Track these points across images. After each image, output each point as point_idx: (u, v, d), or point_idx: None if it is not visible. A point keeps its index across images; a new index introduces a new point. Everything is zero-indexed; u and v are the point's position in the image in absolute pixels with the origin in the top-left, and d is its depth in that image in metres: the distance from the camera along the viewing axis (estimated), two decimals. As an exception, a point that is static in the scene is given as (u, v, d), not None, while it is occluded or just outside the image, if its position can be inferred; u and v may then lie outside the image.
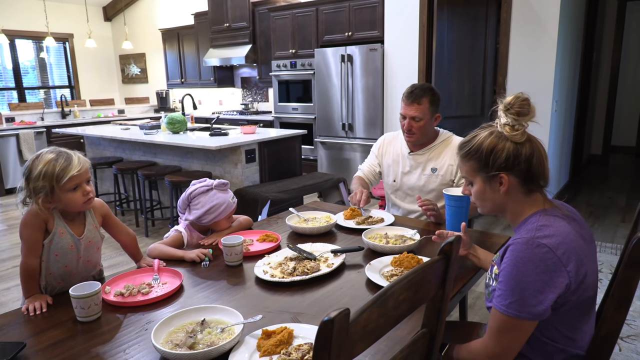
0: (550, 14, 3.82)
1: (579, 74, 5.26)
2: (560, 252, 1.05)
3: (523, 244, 1.07)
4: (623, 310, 1.11)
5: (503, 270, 1.10)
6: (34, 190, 1.40)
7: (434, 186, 2.21)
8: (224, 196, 1.90)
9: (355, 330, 0.71)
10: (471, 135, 1.24)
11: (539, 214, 1.14)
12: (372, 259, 1.59)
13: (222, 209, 1.88)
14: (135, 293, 1.40)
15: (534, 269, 1.04)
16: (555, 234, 1.08)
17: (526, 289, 1.05)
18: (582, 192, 5.27)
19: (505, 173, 1.16)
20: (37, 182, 1.38)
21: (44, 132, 6.38)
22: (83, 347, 1.15)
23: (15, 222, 4.80)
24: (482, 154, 1.18)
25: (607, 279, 3.00)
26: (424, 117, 2.11)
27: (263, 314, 1.24)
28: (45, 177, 1.38)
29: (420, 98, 2.10)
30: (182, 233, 1.87)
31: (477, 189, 1.23)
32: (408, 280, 0.83)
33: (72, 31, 8.44)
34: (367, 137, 5.03)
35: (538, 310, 1.05)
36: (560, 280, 1.05)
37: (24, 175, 1.43)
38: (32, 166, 1.41)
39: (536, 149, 1.18)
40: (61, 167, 1.39)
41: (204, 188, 1.90)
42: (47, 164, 1.39)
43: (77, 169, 1.41)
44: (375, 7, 4.87)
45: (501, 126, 1.19)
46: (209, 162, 4.12)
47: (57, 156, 1.41)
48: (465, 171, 1.25)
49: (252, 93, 7.24)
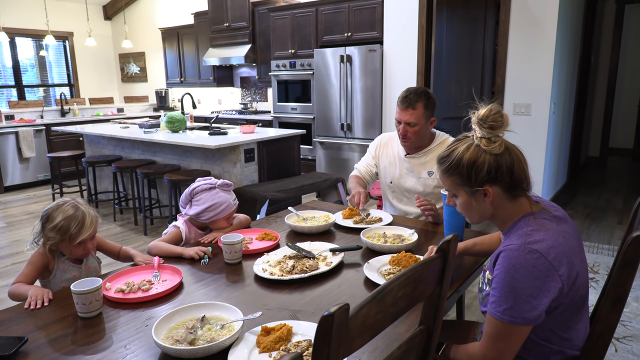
0: (548, 16, 3.84)
1: (577, 76, 5.29)
2: (551, 256, 1.06)
3: (515, 251, 1.08)
4: (617, 310, 1.13)
5: (496, 277, 1.11)
6: (46, 237, 1.56)
7: (430, 189, 2.20)
8: (226, 196, 1.92)
9: (355, 325, 0.72)
10: (449, 149, 1.23)
11: (527, 218, 1.15)
12: (370, 258, 1.60)
13: (221, 208, 1.89)
14: (135, 290, 1.41)
15: (526, 275, 1.06)
16: (546, 238, 1.09)
17: (520, 295, 1.06)
18: (579, 194, 5.30)
19: (489, 185, 1.16)
20: (51, 232, 1.54)
21: (44, 130, 6.38)
22: (84, 343, 1.16)
23: (14, 220, 4.80)
24: (463, 169, 1.17)
25: (603, 280, 3.01)
26: (418, 122, 2.09)
27: (262, 311, 1.25)
28: (59, 232, 1.54)
29: (415, 103, 2.07)
30: (180, 228, 1.89)
31: (462, 201, 1.23)
32: (406, 277, 0.85)
33: (72, 29, 8.44)
34: (366, 137, 5.04)
35: (532, 315, 1.06)
36: (553, 284, 1.07)
37: (42, 220, 1.58)
38: (52, 216, 1.56)
39: (515, 157, 1.16)
40: (75, 229, 1.54)
41: (207, 185, 1.92)
42: (63, 220, 1.54)
43: (87, 233, 1.56)
44: (374, 8, 4.88)
45: (478, 139, 1.18)
46: (208, 161, 4.13)
47: (75, 214, 1.56)
48: (448, 185, 1.25)
49: (251, 93, 7.25)
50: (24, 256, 3.78)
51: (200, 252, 1.69)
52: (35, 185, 6.39)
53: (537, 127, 4.04)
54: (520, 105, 4.08)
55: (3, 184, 6.04)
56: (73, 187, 5.83)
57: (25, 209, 5.25)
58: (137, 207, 4.58)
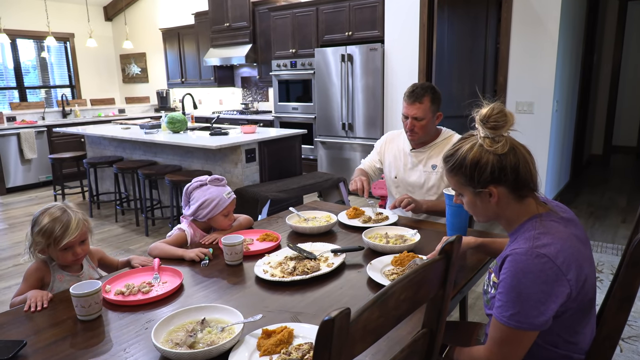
0: (550, 14, 3.82)
1: (579, 74, 5.26)
2: (560, 261, 1.04)
3: (522, 255, 1.05)
4: (625, 311, 1.11)
5: (503, 281, 1.08)
6: (34, 242, 1.54)
7: (433, 182, 2.22)
8: (218, 191, 1.90)
9: (356, 330, 0.70)
10: (454, 148, 1.20)
11: (535, 220, 1.12)
12: (372, 258, 1.59)
13: (214, 203, 1.87)
14: (135, 292, 1.40)
15: (534, 280, 1.03)
16: (554, 241, 1.06)
17: (527, 300, 1.03)
18: (582, 193, 5.27)
19: (493, 186, 1.14)
20: (37, 236, 1.52)
21: (45, 132, 6.39)
22: (83, 346, 1.15)
23: (16, 221, 4.80)
24: (467, 169, 1.15)
25: (608, 280, 2.99)
26: (425, 116, 2.12)
27: (263, 314, 1.23)
28: (44, 235, 1.51)
29: (421, 97, 2.11)
30: (185, 231, 1.87)
31: (468, 201, 1.21)
32: (409, 279, 0.83)
33: (73, 31, 8.45)
34: (367, 136, 5.02)
35: (540, 321, 1.04)
36: (562, 289, 1.04)
37: (31, 225, 1.56)
38: (38, 220, 1.53)
39: (521, 156, 1.13)
40: (59, 231, 1.50)
41: (198, 183, 1.92)
42: (48, 223, 1.50)
43: (72, 236, 1.51)
44: (375, 7, 4.86)
45: (481, 138, 1.15)
46: (209, 161, 4.12)
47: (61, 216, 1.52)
48: (454, 185, 1.23)
49: (252, 93, 7.24)
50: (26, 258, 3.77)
51: (201, 254, 1.68)
52: (37, 186, 6.39)
53: (540, 125, 4.02)
54: (523, 103, 4.06)
55: (5, 186, 6.04)
56: (75, 188, 5.83)
57: (27, 210, 5.25)
58: (138, 208, 4.57)
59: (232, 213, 1.97)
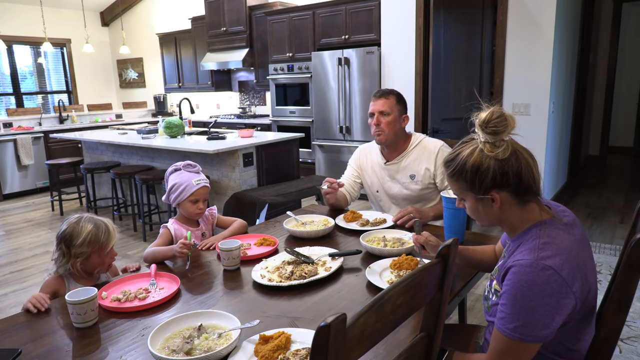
0: (546, 16, 3.83)
1: (575, 75, 5.27)
2: (565, 272, 1.01)
3: (527, 267, 1.02)
4: (623, 312, 1.10)
5: (506, 292, 1.05)
6: (75, 254, 1.55)
7: (416, 193, 2.20)
8: (188, 176, 1.91)
9: (353, 335, 0.70)
10: (454, 153, 1.17)
11: (538, 228, 1.10)
12: (370, 262, 1.58)
13: (181, 188, 1.89)
14: (132, 298, 1.39)
15: (539, 292, 1.00)
16: (559, 252, 1.03)
17: (532, 313, 1.01)
18: (580, 193, 5.27)
19: (495, 191, 1.11)
20: (80, 248, 1.54)
21: (42, 137, 6.37)
22: (79, 354, 1.14)
23: (13, 228, 4.78)
24: (467, 175, 1.12)
25: (606, 280, 2.99)
26: (391, 111, 2.15)
27: (260, 319, 1.23)
28: (89, 244, 1.54)
29: (387, 95, 2.19)
30: (168, 228, 1.89)
31: (470, 206, 1.19)
32: (405, 283, 0.82)
33: (69, 36, 8.44)
34: (365, 139, 5.02)
35: (544, 333, 1.02)
36: (567, 302, 1.02)
37: (64, 239, 1.55)
38: (75, 234, 1.54)
39: (523, 160, 1.10)
40: (104, 237, 1.57)
41: (173, 167, 1.95)
42: (91, 232, 1.55)
43: (115, 238, 1.61)
44: (371, 11, 4.87)
45: (482, 143, 1.12)
46: (207, 165, 4.11)
47: (98, 226, 1.58)
48: (455, 190, 1.21)
49: (249, 97, 7.24)
50: (23, 265, 3.76)
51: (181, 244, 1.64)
52: (34, 192, 6.37)
53: (537, 126, 4.02)
54: (520, 105, 4.07)
55: (2, 192, 6.02)
56: (72, 194, 5.81)
57: (24, 216, 5.23)
58: (136, 213, 4.55)
59: (202, 202, 1.93)
